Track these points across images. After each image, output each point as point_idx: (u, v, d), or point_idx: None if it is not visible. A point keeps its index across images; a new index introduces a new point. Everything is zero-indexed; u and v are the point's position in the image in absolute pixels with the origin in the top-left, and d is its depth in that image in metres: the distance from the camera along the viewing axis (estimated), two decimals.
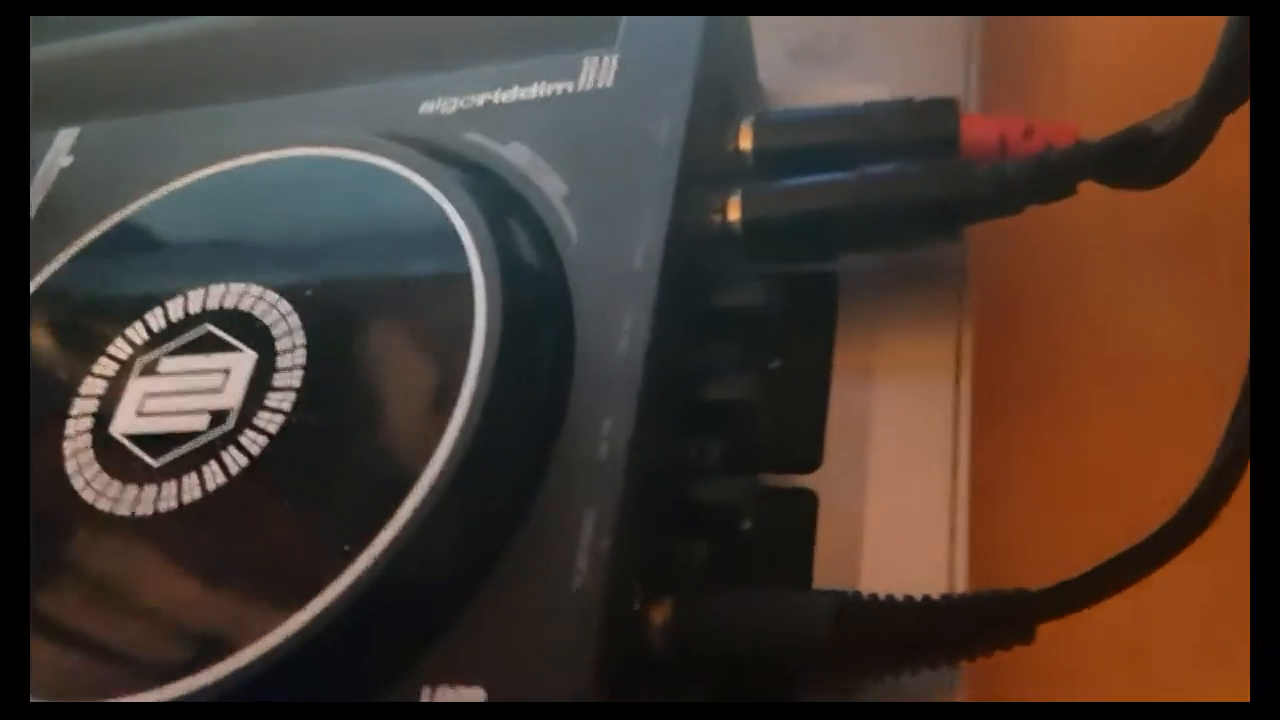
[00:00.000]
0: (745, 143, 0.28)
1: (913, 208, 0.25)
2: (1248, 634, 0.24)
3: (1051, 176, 0.25)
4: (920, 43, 0.32)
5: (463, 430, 0.22)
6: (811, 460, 0.26)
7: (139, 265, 0.28)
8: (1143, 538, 0.22)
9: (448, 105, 0.29)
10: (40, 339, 0.27)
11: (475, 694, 0.20)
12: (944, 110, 0.27)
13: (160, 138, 0.30)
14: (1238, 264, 0.25)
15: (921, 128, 0.27)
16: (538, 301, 0.24)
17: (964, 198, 0.25)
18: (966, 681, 0.23)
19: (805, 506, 0.25)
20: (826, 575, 0.25)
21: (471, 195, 0.25)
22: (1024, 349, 0.28)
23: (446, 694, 0.20)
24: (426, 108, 0.29)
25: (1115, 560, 0.22)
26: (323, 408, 0.23)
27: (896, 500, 0.25)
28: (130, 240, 0.28)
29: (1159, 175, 0.25)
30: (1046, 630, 0.21)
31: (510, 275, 0.24)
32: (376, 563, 0.21)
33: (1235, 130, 0.24)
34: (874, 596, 0.22)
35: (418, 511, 0.21)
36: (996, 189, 0.25)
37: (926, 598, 0.22)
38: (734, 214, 0.26)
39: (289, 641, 0.20)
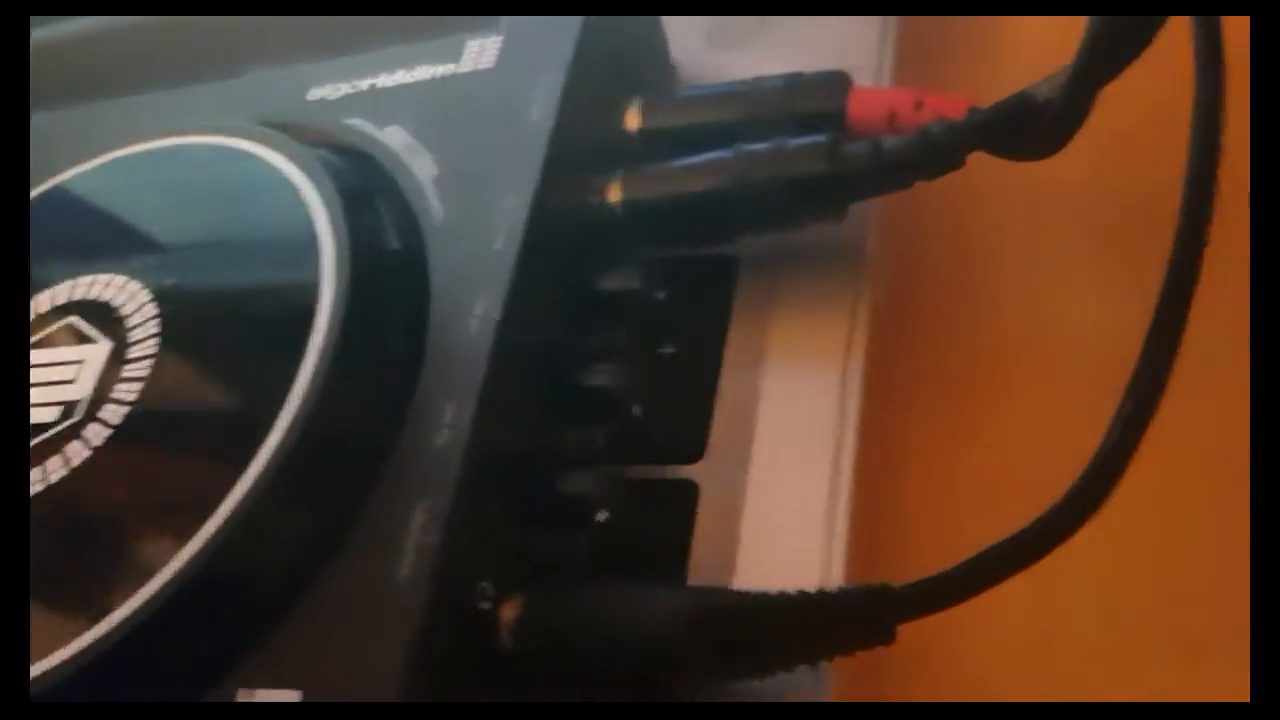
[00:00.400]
0: (633, 124, 0.27)
1: (788, 186, 0.24)
2: (1157, 629, 0.23)
3: (934, 150, 0.24)
4: (837, 19, 0.30)
5: (294, 420, 0.21)
6: (694, 451, 0.25)
7: None
8: (1011, 533, 0.20)
9: (334, 90, 0.28)
10: None
11: (291, 696, 0.19)
12: (830, 85, 0.25)
13: (55, 134, 0.30)
14: (1159, 243, 0.23)
15: (807, 103, 0.26)
16: (388, 285, 0.23)
17: (840, 174, 0.24)
18: (843, 680, 0.22)
19: (685, 498, 0.24)
20: (704, 568, 0.24)
21: (332, 179, 0.24)
22: (930, 334, 0.27)
23: (263, 696, 0.19)
24: (314, 93, 0.28)
25: (981, 556, 0.20)
26: (165, 398, 0.23)
27: (777, 492, 0.24)
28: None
29: (1047, 144, 0.23)
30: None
31: (360, 259, 0.23)
32: (193, 562, 0.20)
33: (1159, 106, 0.22)
34: (729, 593, 0.21)
35: (240, 507, 0.20)
36: (873, 164, 0.24)
37: (783, 594, 0.21)
38: (614, 196, 0.26)
39: (99, 643, 0.20)
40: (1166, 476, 0.24)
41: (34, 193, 0.28)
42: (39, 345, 0.25)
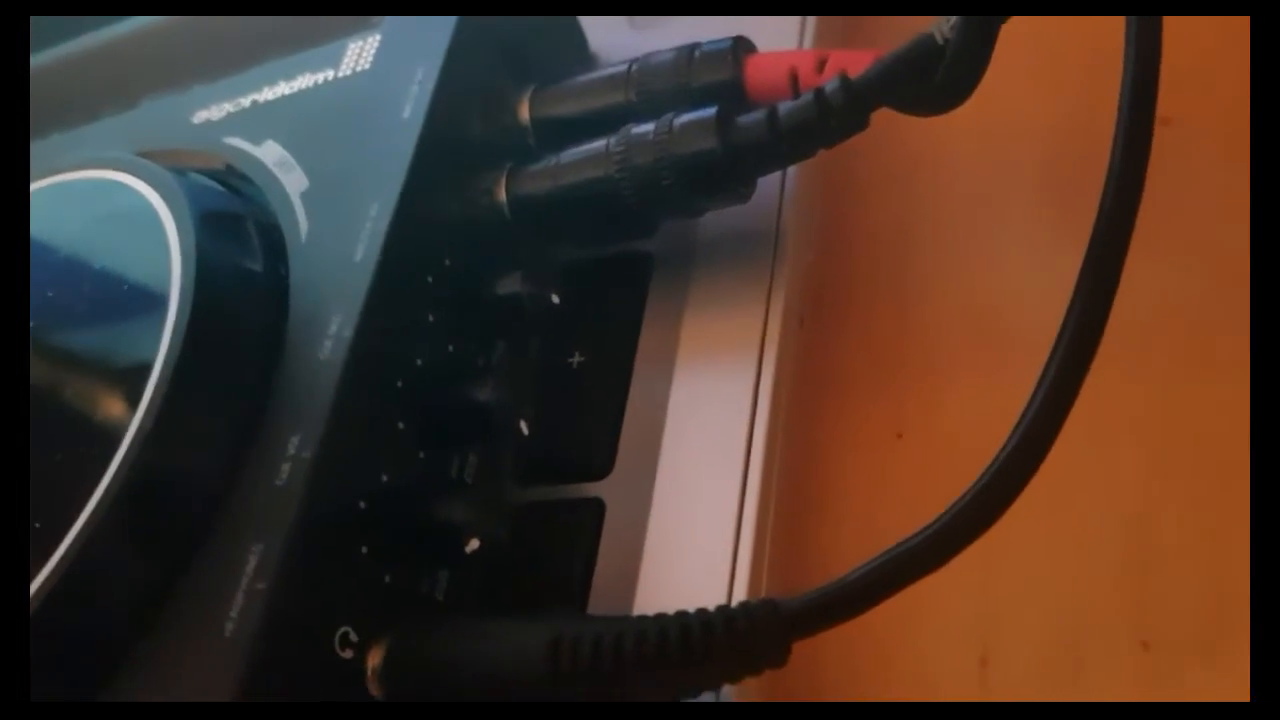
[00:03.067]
0: (524, 115, 0.25)
1: (679, 168, 0.22)
2: (1103, 632, 0.20)
3: (832, 111, 0.21)
4: None
5: (123, 461, 0.19)
6: (601, 467, 0.23)
7: None
8: (909, 535, 0.18)
9: (218, 111, 0.26)
10: None
11: None
12: (721, 54, 0.23)
13: None
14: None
15: (701, 75, 0.23)
16: (236, 311, 0.21)
17: (733, 150, 0.21)
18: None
19: (590, 517, 0.22)
20: (609, 592, 0.21)
21: (190, 203, 0.22)
22: (856, 319, 0.24)
23: None
24: (199, 116, 0.27)
25: (881, 561, 0.18)
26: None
27: (683, 506, 0.22)
28: None
29: (949, 94, 0.21)
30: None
31: (205, 285, 0.21)
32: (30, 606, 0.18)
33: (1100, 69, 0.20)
34: (593, 621, 0.19)
35: (68, 554, 0.19)
36: (769, 135, 0.21)
37: (660, 617, 0.18)
38: (500, 194, 0.23)
39: None
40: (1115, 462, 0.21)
41: None
42: None
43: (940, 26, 0.20)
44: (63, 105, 0.32)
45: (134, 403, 0.20)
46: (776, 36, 0.26)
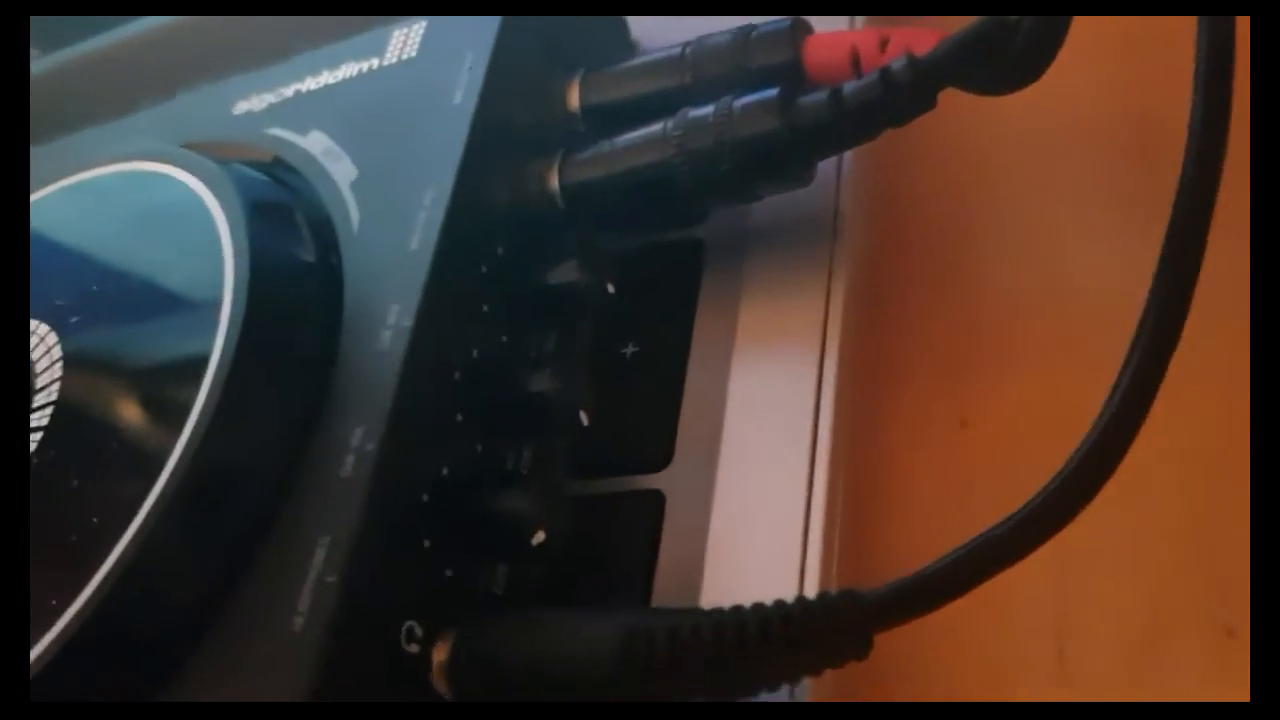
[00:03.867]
0: (573, 101, 0.24)
1: (740, 151, 0.21)
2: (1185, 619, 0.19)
3: (899, 91, 0.21)
4: None
5: (183, 454, 0.19)
6: (659, 458, 0.22)
7: None
8: (992, 526, 0.17)
9: (260, 102, 0.26)
10: None
11: None
12: (780, 35, 0.23)
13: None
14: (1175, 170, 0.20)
15: (758, 57, 0.23)
16: (291, 301, 0.21)
17: (796, 131, 0.21)
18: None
19: (650, 509, 0.22)
20: (672, 585, 0.21)
21: (239, 194, 0.22)
22: (919, 305, 0.24)
23: None
24: (240, 107, 0.26)
25: (964, 551, 0.17)
26: (63, 445, 0.21)
27: (748, 497, 0.21)
28: None
29: (1022, 73, 0.20)
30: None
31: (260, 276, 0.21)
32: (77, 616, 0.18)
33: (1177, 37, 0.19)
34: (668, 614, 0.18)
35: (129, 549, 0.18)
36: (833, 116, 0.21)
37: (736, 610, 0.18)
38: (552, 182, 0.23)
39: None
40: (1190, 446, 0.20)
41: None
42: None
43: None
44: (96, 100, 0.31)
45: (192, 396, 0.19)
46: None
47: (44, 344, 0.23)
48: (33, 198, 0.26)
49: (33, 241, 0.25)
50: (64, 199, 0.25)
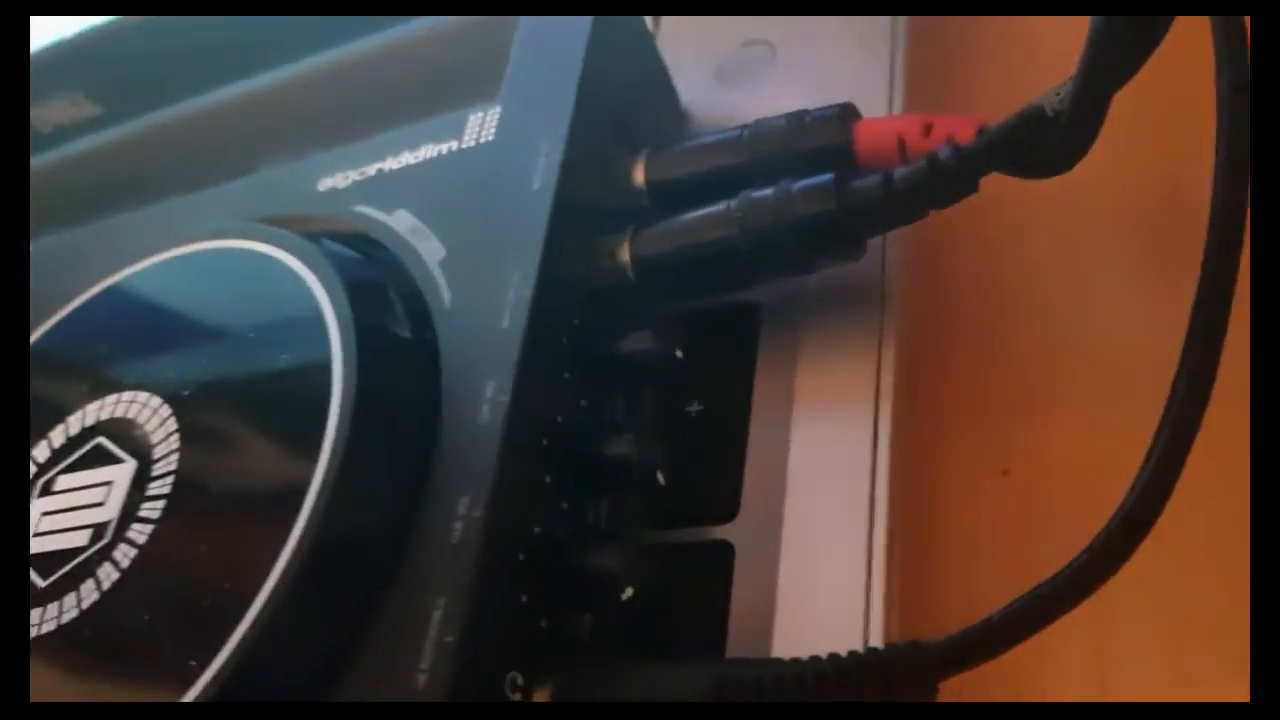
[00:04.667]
0: (639, 179, 0.26)
1: (798, 230, 0.23)
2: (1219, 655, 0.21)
3: (945, 176, 0.23)
4: (845, 47, 0.30)
5: (307, 526, 0.21)
6: (727, 510, 0.24)
7: (48, 384, 0.27)
8: (1051, 576, 0.19)
9: (344, 179, 0.28)
10: None
11: None
12: (833, 120, 0.25)
13: (83, 251, 0.31)
14: (1199, 236, 0.22)
15: (813, 140, 0.25)
16: (398, 377, 0.23)
17: (850, 212, 0.23)
18: None
19: (720, 559, 0.24)
20: (744, 632, 0.23)
21: (338, 272, 0.24)
22: (963, 362, 0.26)
23: None
24: (324, 183, 0.28)
25: (1022, 601, 0.19)
26: (186, 514, 0.23)
27: (813, 546, 0.23)
28: (43, 359, 0.28)
29: (1062, 159, 0.22)
30: None
31: (368, 353, 0.22)
32: (217, 677, 0.20)
33: (1195, 107, 0.21)
34: (752, 664, 0.20)
35: (260, 616, 0.20)
36: (883, 198, 0.23)
37: (813, 660, 0.20)
38: (623, 256, 0.25)
39: None
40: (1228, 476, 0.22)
41: (57, 316, 0.28)
42: (70, 469, 0.25)
43: (1049, 99, 0.22)
44: (170, 171, 0.33)
45: (310, 470, 0.21)
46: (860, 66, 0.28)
47: (157, 415, 0.24)
48: (132, 269, 0.28)
49: (138, 314, 0.27)
50: (166, 272, 0.27)
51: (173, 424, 0.24)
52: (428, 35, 0.30)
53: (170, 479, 0.23)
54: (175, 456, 0.23)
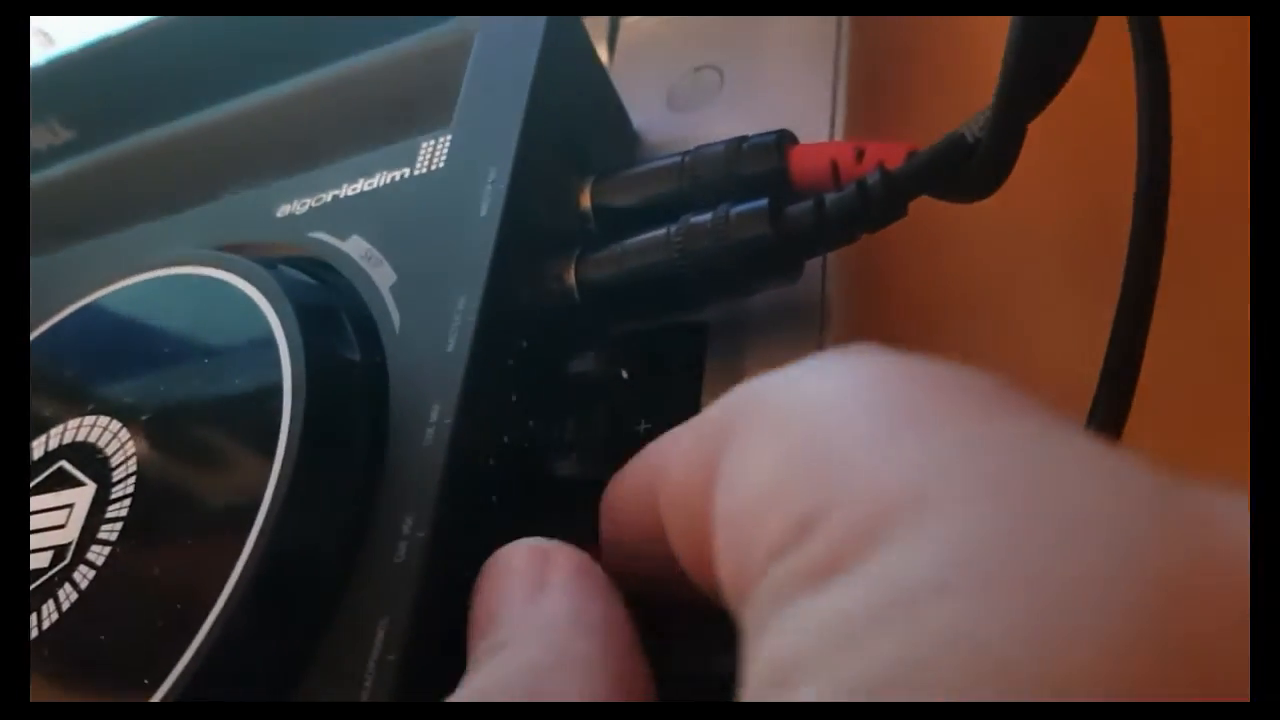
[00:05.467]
0: (585, 203, 0.27)
1: (735, 254, 0.24)
2: None
3: (874, 201, 0.23)
4: (790, 72, 0.30)
5: (254, 550, 0.21)
6: None
7: None
8: None
9: (300, 205, 0.29)
10: None
11: None
12: (767, 147, 0.25)
13: (47, 279, 0.31)
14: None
15: (749, 166, 0.26)
16: (347, 400, 0.23)
17: (784, 237, 0.24)
18: None
19: None
20: None
21: (290, 297, 0.25)
22: None
23: None
24: (283, 210, 0.29)
25: None
26: (142, 536, 0.23)
27: None
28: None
29: (983, 185, 0.23)
30: None
31: (317, 376, 0.23)
32: (168, 695, 0.21)
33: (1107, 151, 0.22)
34: None
35: (207, 640, 0.21)
36: (816, 223, 0.24)
37: None
38: (570, 279, 0.26)
39: None
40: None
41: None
42: (34, 492, 0.26)
43: (970, 127, 0.23)
44: (138, 196, 0.34)
45: (261, 491, 0.22)
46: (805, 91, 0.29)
47: (117, 439, 0.25)
48: (93, 296, 0.28)
49: (100, 339, 0.28)
50: (127, 298, 0.28)
51: (130, 448, 0.25)
52: (387, 63, 0.31)
53: (127, 502, 0.24)
54: (132, 480, 0.24)
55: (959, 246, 0.28)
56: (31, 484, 0.26)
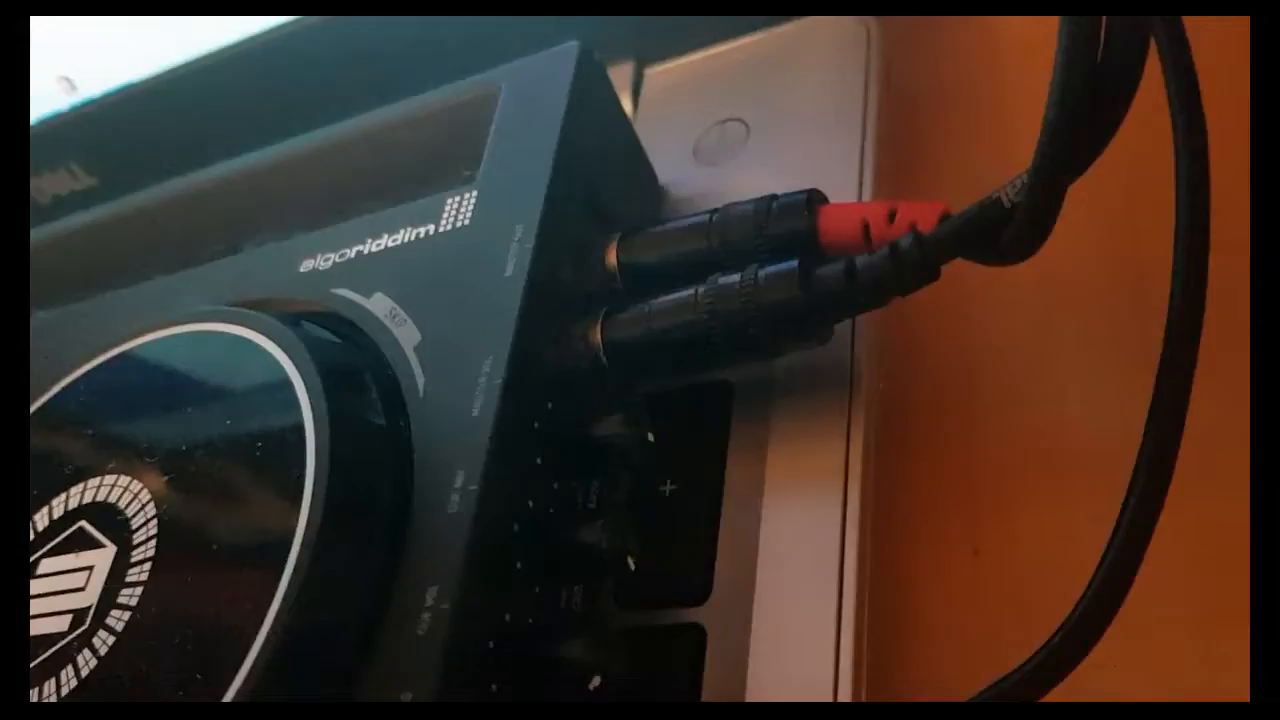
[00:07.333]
0: (611, 261, 0.27)
1: (763, 316, 0.24)
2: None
3: (906, 265, 0.23)
4: (817, 126, 0.30)
5: (275, 621, 0.21)
6: (699, 592, 0.24)
7: (34, 465, 0.28)
8: (1023, 662, 0.20)
9: (324, 261, 0.28)
10: None
11: None
12: (797, 206, 0.25)
13: (71, 330, 0.31)
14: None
15: (779, 225, 0.25)
16: (370, 467, 0.23)
17: (814, 300, 0.23)
18: None
19: (693, 641, 0.24)
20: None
21: (314, 359, 0.24)
22: (932, 447, 0.26)
23: None
24: (306, 265, 0.29)
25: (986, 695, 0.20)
26: (163, 603, 0.23)
27: (784, 627, 0.23)
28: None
29: (1021, 247, 0.23)
30: None
31: (341, 444, 0.23)
32: None
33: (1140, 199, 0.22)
34: None
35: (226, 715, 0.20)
36: (847, 286, 0.23)
37: None
38: (596, 339, 0.25)
39: None
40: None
41: (42, 398, 0.28)
42: (52, 553, 0.25)
43: (1006, 190, 0.22)
44: (159, 247, 0.34)
45: (282, 563, 0.22)
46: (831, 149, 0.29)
47: (137, 500, 0.25)
48: (115, 351, 0.28)
49: (120, 396, 0.27)
50: (148, 355, 0.27)
51: (151, 509, 0.24)
52: (413, 116, 0.31)
53: (147, 566, 0.24)
54: (153, 544, 0.24)
55: (991, 306, 0.27)
56: (51, 544, 0.26)
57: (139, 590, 0.23)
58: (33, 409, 0.28)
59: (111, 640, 0.23)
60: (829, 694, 0.22)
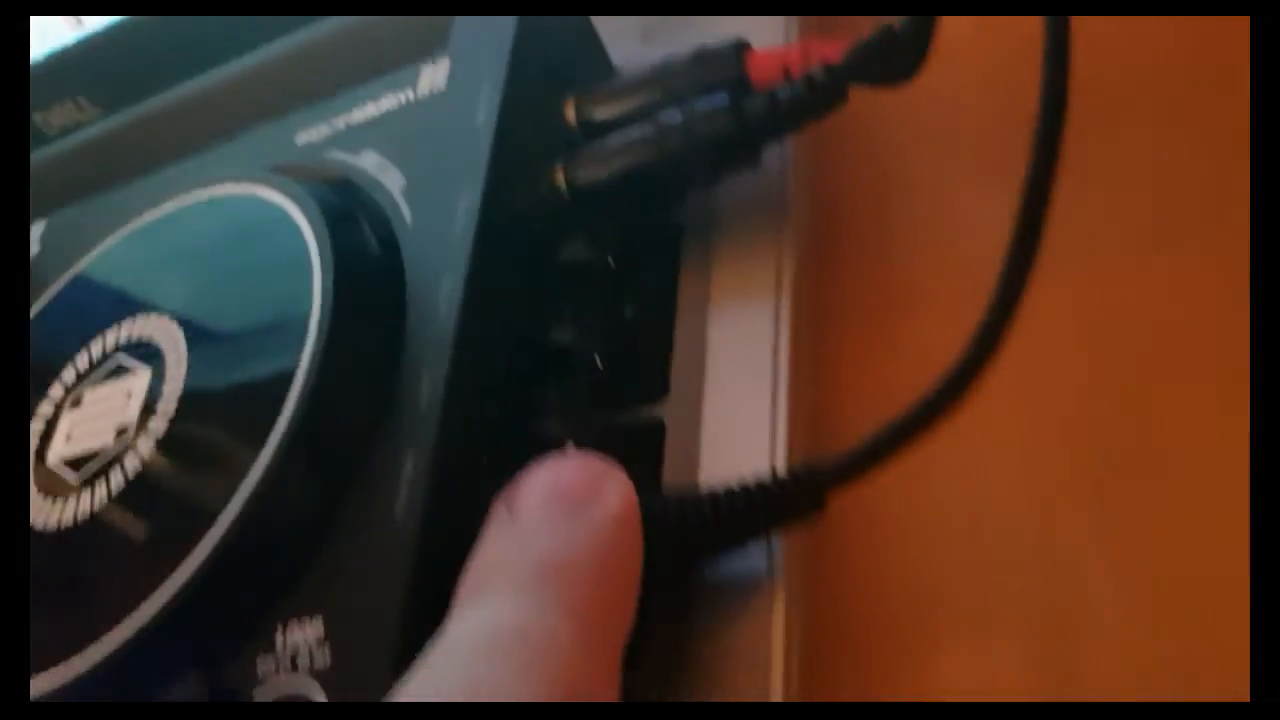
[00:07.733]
0: (570, 116, 0.31)
1: (703, 146, 0.28)
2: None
3: (820, 91, 0.27)
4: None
5: (295, 410, 0.25)
6: (658, 390, 0.28)
7: (70, 320, 0.32)
8: (910, 405, 0.24)
9: (318, 132, 0.32)
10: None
11: (317, 624, 0.23)
12: (729, 53, 0.29)
13: (97, 216, 0.35)
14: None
15: (714, 72, 0.29)
16: (370, 282, 0.27)
17: (745, 128, 0.27)
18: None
19: (654, 430, 0.28)
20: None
21: (317, 204, 0.28)
22: (852, 262, 0.30)
23: (294, 628, 0.23)
24: (302, 138, 0.32)
25: (890, 427, 0.24)
26: (196, 409, 0.27)
27: (728, 416, 0.27)
28: (67, 300, 0.32)
29: (906, 69, 0.26)
30: None
31: (344, 262, 0.27)
32: (226, 535, 0.24)
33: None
34: (682, 492, 0.24)
35: (257, 488, 0.24)
36: (772, 114, 0.27)
37: (728, 486, 0.24)
38: (559, 180, 0.29)
39: (171, 600, 0.24)
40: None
41: (78, 266, 0.32)
42: (94, 383, 0.29)
43: (896, 20, 0.26)
44: (162, 150, 0.37)
45: (297, 359, 0.25)
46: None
47: (168, 333, 0.29)
48: (143, 220, 0.32)
49: (147, 253, 0.31)
50: (177, 217, 0.31)
51: (181, 339, 0.28)
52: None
53: (179, 384, 0.27)
54: (184, 366, 0.28)
55: (897, 144, 0.31)
56: (92, 378, 0.29)
57: (174, 404, 0.27)
58: (70, 273, 0.32)
59: (152, 445, 0.27)
60: (767, 456, 0.26)
